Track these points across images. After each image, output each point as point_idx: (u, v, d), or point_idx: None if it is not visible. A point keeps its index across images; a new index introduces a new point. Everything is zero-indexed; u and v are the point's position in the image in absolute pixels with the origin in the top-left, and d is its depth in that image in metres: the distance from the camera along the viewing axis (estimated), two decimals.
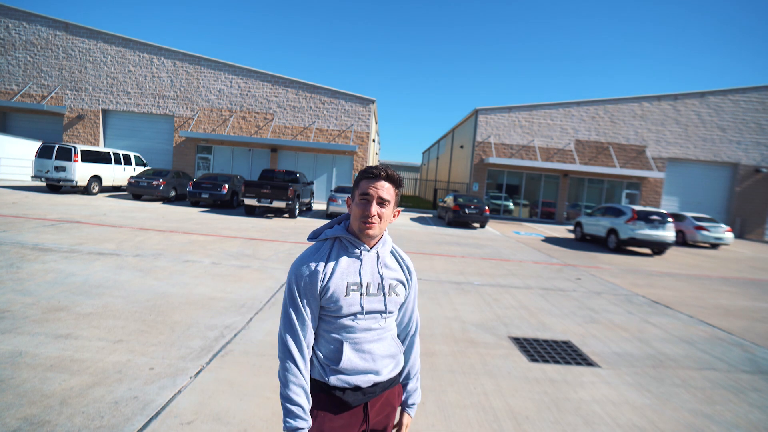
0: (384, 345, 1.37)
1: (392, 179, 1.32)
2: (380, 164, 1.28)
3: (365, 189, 1.30)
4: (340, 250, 1.35)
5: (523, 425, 2.64)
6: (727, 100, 21.88)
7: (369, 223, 1.29)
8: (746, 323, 5.51)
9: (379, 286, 1.33)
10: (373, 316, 1.33)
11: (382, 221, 1.31)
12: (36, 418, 2.25)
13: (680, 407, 3.04)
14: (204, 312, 4.16)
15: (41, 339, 3.22)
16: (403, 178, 1.34)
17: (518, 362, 3.62)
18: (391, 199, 1.32)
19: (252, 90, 21.41)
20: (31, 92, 20.91)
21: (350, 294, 1.29)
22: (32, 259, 5.47)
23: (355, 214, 1.31)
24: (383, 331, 1.36)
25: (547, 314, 5.12)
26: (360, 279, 1.31)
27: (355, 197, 1.33)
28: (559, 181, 22.21)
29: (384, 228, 1.35)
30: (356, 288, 1.30)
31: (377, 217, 1.29)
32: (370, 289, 1.33)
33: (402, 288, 1.41)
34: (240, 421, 2.42)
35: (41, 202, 11.43)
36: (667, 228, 11.92)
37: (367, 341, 1.33)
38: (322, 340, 1.34)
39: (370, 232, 1.29)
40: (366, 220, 1.29)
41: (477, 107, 21.82)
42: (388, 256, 1.42)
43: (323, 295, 1.29)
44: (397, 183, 1.34)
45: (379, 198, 1.29)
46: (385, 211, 1.31)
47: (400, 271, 1.43)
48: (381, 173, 1.30)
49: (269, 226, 11.22)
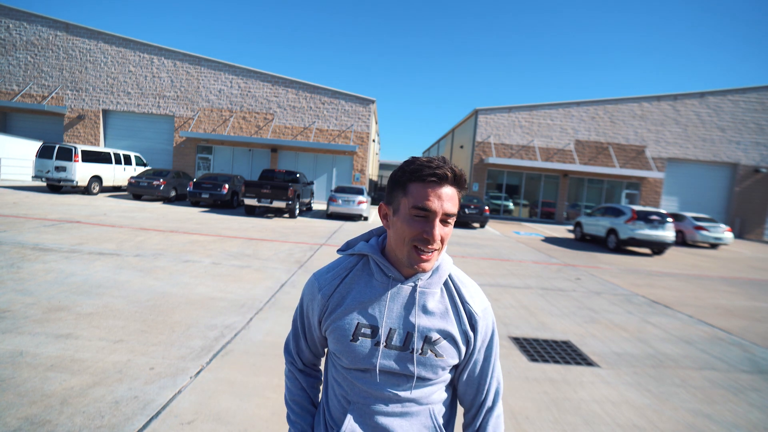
0: (411, 425, 0.94)
1: (460, 182, 0.90)
2: (438, 157, 0.89)
3: (423, 199, 0.85)
4: (364, 273, 0.97)
5: (523, 425, 2.64)
6: (726, 101, 21.89)
7: (428, 253, 0.87)
8: (746, 323, 5.51)
9: (408, 337, 0.92)
10: (394, 378, 0.92)
11: (444, 247, 0.91)
12: (37, 418, 2.26)
13: (680, 407, 3.05)
14: (204, 312, 4.17)
15: (42, 339, 3.23)
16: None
17: (518, 362, 3.63)
18: (456, 211, 0.90)
19: (252, 90, 21.42)
20: (32, 92, 20.91)
21: (359, 339, 0.92)
22: (33, 259, 5.48)
23: (403, 234, 0.88)
24: (413, 405, 0.94)
25: (546, 314, 5.13)
26: (379, 321, 0.92)
27: (400, 208, 0.89)
28: (559, 181, 22.22)
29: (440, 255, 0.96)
30: (369, 333, 0.92)
31: (440, 242, 0.88)
32: (393, 338, 0.92)
33: (451, 346, 0.94)
34: (240, 421, 2.42)
35: (42, 202, 11.44)
36: (666, 228, 11.93)
37: (383, 414, 0.93)
38: (332, 392, 1.01)
39: (427, 266, 0.88)
40: (425, 246, 0.87)
41: (477, 107, 21.84)
42: (435, 293, 0.96)
43: (324, 330, 0.99)
44: (464, 187, 0.92)
45: (444, 214, 0.86)
46: (449, 230, 0.89)
47: (452, 319, 0.95)
48: (447, 173, 0.86)
49: (269, 226, 11.22)
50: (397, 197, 0.90)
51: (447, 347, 0.93)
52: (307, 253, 7.82)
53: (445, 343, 0.93)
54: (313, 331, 1.03)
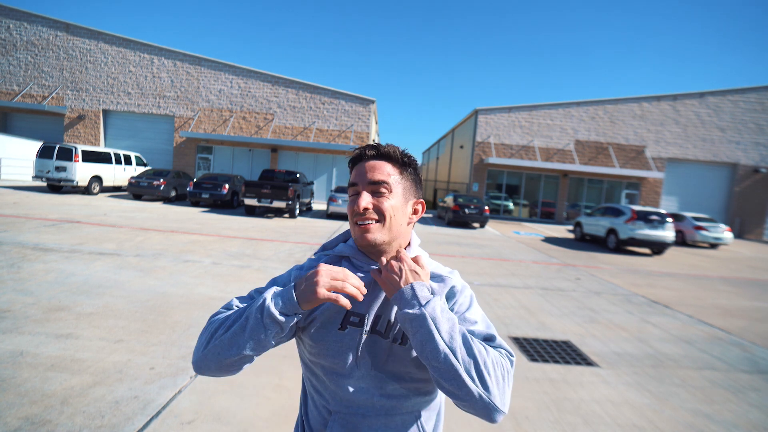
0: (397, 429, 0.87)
1: (387, 155, 0.90)
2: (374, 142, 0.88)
3: (352, 177, 0.93)
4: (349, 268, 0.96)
5: (523, 425, 2.65)
6: (726, 101, 21.90)
7: (363, 224, 0.87)
8: (745, 323, 5.51)
9: (388, 325, 0.88)
10: (376, 377, 0.87)
11: (387, 219, 0.88)
12: (37, 418, 2.26)
13: (680, 407, 3.05)
14: (204, 312, 4.17)
15: (42, 339, 3.23)
16: (413, 158, 0.94)
17: (518, 362, 3.63)
18: (394, 181, 0.89)
19: (252, 90, 21.43)
20: (32, 92, 20.92)
21: (348, 328, 0.87)
22: (33, 259, 5.48)
23: (348, 214, 0.92)
24: (397, 411, 0.88)
25: (546, 314, 5.13)
26: (364, 309, 0.88)
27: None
28: (559, 181, 22.22)
29: (398, 230, 0.91)
30: (357, 322, 0.87)
31: (374, 211, 0.87)
32: (377, 324, 0.88)
33: None
34: (240, 421, 2.43)
35: (42, 202, 11.44)
36: (666, 228, 11.93)
37: (366, 422, 0.86)
38: (311, 403, 0.93)
39: (368, 236, 0.87)
40: (357, 219, 0.88)
41: (477, 107, 21.84)
42: None
43: (308, 317, 0.89)
44: (398, 160, 0.91)
45: (370, 182, 0.88)
46: (387, 202, 0.87)
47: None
48: (366, 151, 0.91)
49: (269, 226, 11.23)
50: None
51: None
52: (308, 253, 7.82)
53: None
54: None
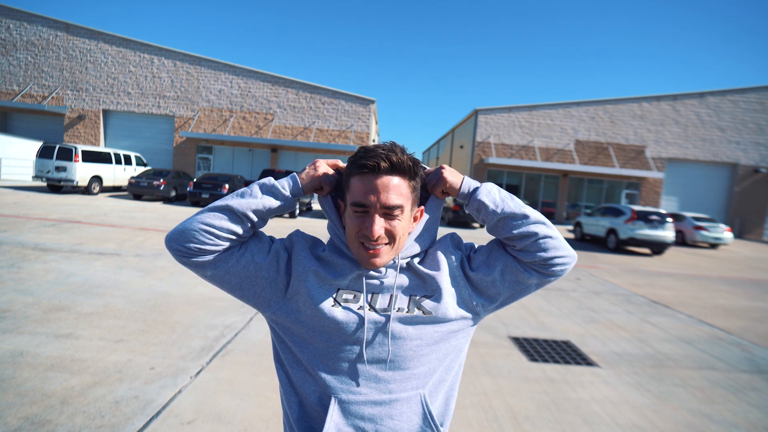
0: (401, 414, 0.81)
1: (402, 169, 0.79)
2: (382, 144, 0.81)
3: (358, 192, 0.79)
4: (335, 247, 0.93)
5: (523, 425, 2.65)
6: (726, 101, 21.90)
7: (373, 249, 0.80)
8: (745, 323, 5.51)
9: (390, 299, 0.83)
10: (379, 359, 0.82)
11: (396, 240, 0.81)
12: (37, 418, 2.26)
13: (679, 407, 3.05)
14: (204, 312, 4.17)
15: (42, 339, 3.23)
16: (419, 163, 0.85)
17: (518, 362, 3.63)
18: (406, 200, 0.81)
19: (252, 90, 21.43)
20: (32, 92, 20.92)
21: (340, 306, 0.82)
22: (33, 259, 5.48)
23: (349, 230, 0.82)
24: (401, 390, 0.82)
25: (546, 314, 5.13)
26: (359, 286, 0.85)
27: (347, 203, 0.83)
28: (559, 181, 22.22)
29: (401, 247, 0.85)
30: (351, 299, 0.83)
31: (385, 236, 0.80)
32: (377, 302, 0.84)
33: (444, 296, 0.84)
34: (240, 421, 2.43)
35: (42, 202, 11.44)
36: (666, 228, 11.93)
37: (368, 405, 0.81)
38: (302, 391, 0.85)
39: (377, 261, 0.81)
40: (367, 243, 0.80)
41: (477, 107, 21.85)
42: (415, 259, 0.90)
43: (289, 290, 0.85)
44: (411, 173, 0.81)
45: (384, 207, 0.78)
46: (398, 224, 0.80)
47: (443, 265, 0.88)
48: (380, 162, 0.78)
49: (269, 226, 11.23)
50: (345, 192, 0.84)
51: (435, 303, 0.83)
52: None
53: (431, 300, 0.84)
54: (266, 259, 0.88)
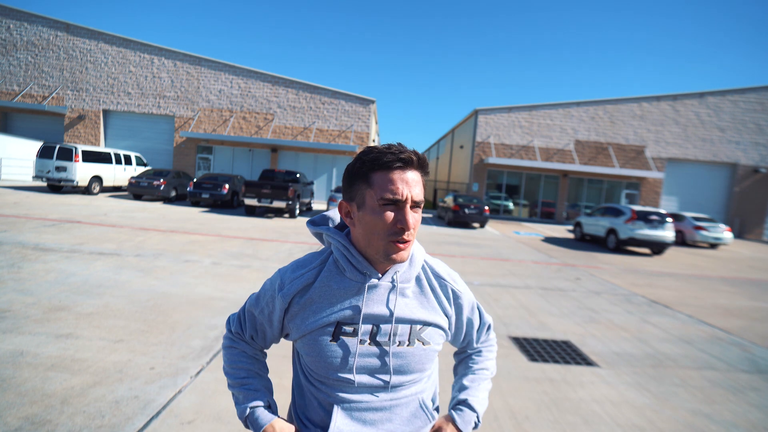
0: (400, 416, 0.90)
1: (424, 166, 0.85)
2: (394, 144, 0.83)
3: (391, 186, 0.80)
4: (335, 273, 0.90)
5: (523, 425, 2.65)
6: (726, 101, 21.90)
7: (404, 242, 0.82)
8: (745, 323, 5.51)
9: (391, 330, 0.88)
10: (376, 380, 0.88)
11: (415, 234, 0.85)
12: (37, 418, 2.26)
13: (679, 407, 3.05)
14: (205, 312, 4.17)
15: (42, 339, 3.23)
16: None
17: (518, 362, 3.63)
18: (423, 198, 0.85)
19: (252, 90, 21.43)
20: (33, 93, 20.92)
21: (340, 339, 0.86)
22: (33, 259, 5.48)
23: (374, 228, 0.82)
24: (400, 398, 0.90)
25: (546, 314, 5.13)
26: (358, 319, 0.87)
27: (365, 201, 0.83)
28: (559, 181, 22.23)
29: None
30: (350, 332, 0.87)
31: (413, 230, 0.83)
32: (377, 335, 0.87)
33: (437, 330, 0.93)
34: (240, 421, 2.43)
35: (42, 202, 11.44)
36: (666, 228, 11.93)
37: (371, 409, 0.88)
38: (309, 394, 0.94)
39: (404, 255, 0.83)
40: (399, 237, 0.81)
41: (477, 107, 21.85)
42: (412, 282, 0.92)
43: (289, 333, 0.93)
44: (427, 171, 0.87)
45: (413, 201, 0.81)
46: (419, 218, 0.84)
47: (434, 302, 0.94)
48: (413, 157, 0.81)
49: (270, 226, 11.23)
50: (359, 191, 0.83)
51: (433, 333, 0.91)
52: (308, 253, 7.82)
53: (430, 329, 0.91)
54: (266, 328, 0.96)
